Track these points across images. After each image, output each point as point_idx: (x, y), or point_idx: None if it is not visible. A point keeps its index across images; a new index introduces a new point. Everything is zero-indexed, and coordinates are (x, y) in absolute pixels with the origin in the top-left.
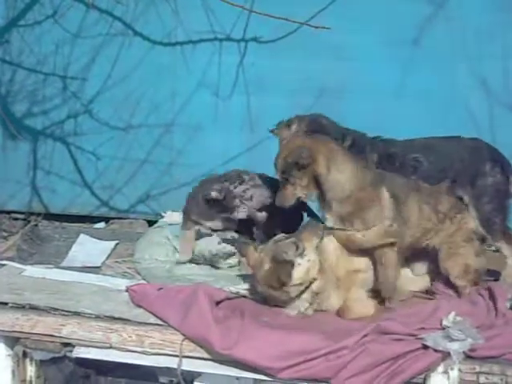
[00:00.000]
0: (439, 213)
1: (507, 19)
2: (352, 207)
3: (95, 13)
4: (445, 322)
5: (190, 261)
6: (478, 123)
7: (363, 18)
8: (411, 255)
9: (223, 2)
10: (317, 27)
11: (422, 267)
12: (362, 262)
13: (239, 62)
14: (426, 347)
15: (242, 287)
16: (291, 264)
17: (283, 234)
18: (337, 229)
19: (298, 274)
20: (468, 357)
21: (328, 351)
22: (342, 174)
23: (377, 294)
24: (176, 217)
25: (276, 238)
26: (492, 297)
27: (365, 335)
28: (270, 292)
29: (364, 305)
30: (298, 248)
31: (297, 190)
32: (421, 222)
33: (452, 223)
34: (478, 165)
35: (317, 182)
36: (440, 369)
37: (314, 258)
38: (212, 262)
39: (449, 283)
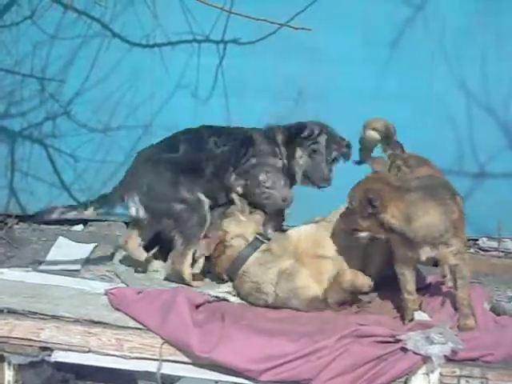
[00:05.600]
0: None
1: (485, 21)
2: (450, 233)
3: (73, 14)
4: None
5: None
6: (457, 125)
7: (342, 19)
8: None
9: (202, 3)
10: (297, 28)
11: None
12: (331, 251)
13: (218, 64)
14: (406, 349)
15: (222, 291)
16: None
17: None
18: None
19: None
20: (448, 360)
21: (308, 352)
22: (428, 216)
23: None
24: None
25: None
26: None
27: (345, 335)
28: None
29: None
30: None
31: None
32: None
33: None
34: None
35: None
36: (420, 372)
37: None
38: None
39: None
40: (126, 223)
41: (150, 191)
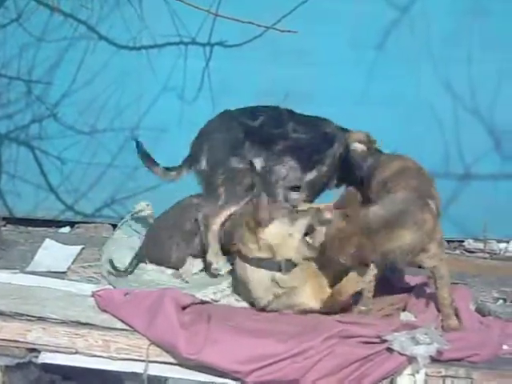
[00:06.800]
0: None
1: (472, 23)
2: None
3: (60, 16)
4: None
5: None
6: (443, 127)
7: (328, 22)
8: None
9: (189, 5)
10: (283, 31)
11: None
12: None
13: (205, 66)
14: (392, 350)
15: (209, 293)
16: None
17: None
18: None
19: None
20: (434, 360)
21: (295, 353)
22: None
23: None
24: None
25: None
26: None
27: (330, 336)
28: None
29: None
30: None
31: None
32: None
33: None
34: None
35: None
36: (406, 372)
37: (296, 235)
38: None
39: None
40: (112, 225)
41: (217, 141)
